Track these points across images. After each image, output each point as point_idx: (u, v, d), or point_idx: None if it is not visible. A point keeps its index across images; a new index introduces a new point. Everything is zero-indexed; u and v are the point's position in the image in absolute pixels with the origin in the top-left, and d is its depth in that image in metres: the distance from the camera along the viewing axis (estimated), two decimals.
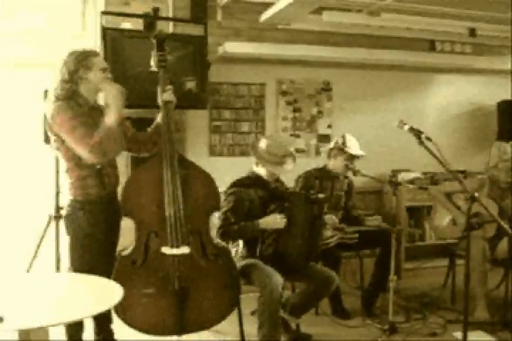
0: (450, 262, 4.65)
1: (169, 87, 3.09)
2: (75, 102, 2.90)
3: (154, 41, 3.14)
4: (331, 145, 4.34)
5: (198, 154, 5.03)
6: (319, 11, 4.80)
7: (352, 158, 4.23)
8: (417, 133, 3.21)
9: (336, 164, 4.29)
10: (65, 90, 2.88)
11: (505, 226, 3.04)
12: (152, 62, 3.14)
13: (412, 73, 5.90)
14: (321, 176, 4.33)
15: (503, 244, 4.07)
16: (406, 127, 3.28)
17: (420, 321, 3.98)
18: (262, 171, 3.57)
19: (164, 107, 3.06)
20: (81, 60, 2.91)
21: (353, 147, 4.24)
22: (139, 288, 2.89)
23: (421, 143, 3.17)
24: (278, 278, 3.20)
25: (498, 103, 6.08)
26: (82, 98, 2.94)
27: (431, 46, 5.79)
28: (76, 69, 2.89)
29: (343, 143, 4.23)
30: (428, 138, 3.15)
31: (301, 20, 4.96)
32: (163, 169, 2.95)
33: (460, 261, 4.38)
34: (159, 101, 3.09)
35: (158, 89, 3.09)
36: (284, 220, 3.37)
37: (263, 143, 3.54)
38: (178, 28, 4.70)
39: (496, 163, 4.19)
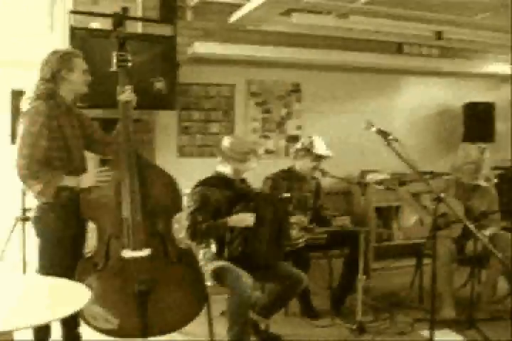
0: (417, 262, 4.70)
1: (128, 87, 3.06)
2: (54, 102, 2.88)
3: (115, 41, 3.11)
4: (298, 146, 4.35)
5: (166, 155, 5.01)
6: (289, 12, 4.83)
7: (319, 158, 4.25)
8: (384, 134, 3.24)
9: (302, 165, 4.30)
10: (46, 89, 2.86)
11: (471, 226, 3.09)
12: (113, 62, 3.12)
13: (381, 75, 5.98)
14: (289, 177, 4.34)
15: (471, 244, 4.13)
16: (373, 128, 3.32)
17: (388, 320, 4.03)
18: (227, 170, 3.58)
19: (122, 108, 3.04)
20: (64, 60, 2.90)
21: (320, 148, 4.26)
22: (101, 290, 2.84)
23: (388, 144, 3.20)
24: (247, 280, 3.20)
25: (464, 105, 6.20)
26: (60, 98, 2.92)
27: (399, 49, 5.87)
28: (59, 69, 2.88)
29: (310, 144, 4.25)
30: (395, 140, 3.19)
31: (271, 21, 4.98)
32: (121, 170, 2.92)
33: (427, 261, 4.46)
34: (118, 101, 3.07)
35: (118, 90, 3.07)
36: (253, 218, 3.38)
37: (227, 142, 3.57)
38: (148, 28, 4.67)
39: (460, 165, 4.25)
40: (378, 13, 5.15)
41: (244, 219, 3.37)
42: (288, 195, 3.64)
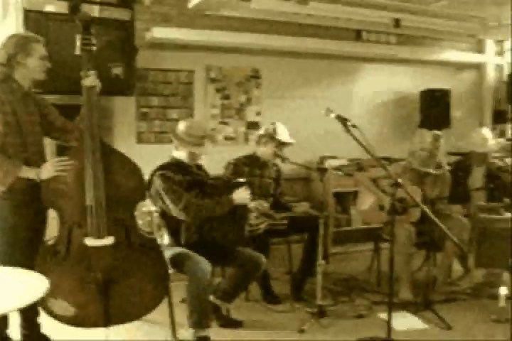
0: (375, 246, 4.80)
1: (92, 71, 2.99)
2: (8, 87, 2.82)
3: (79, 24, 3.03)
4: (261, 132, 4.36)
5: (125, 141, 4.94)
6: None
7: (281, 145, 4.28)
8: (343, 120, 3.27)
9: (265, 151, 4.32)
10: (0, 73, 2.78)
11: (427, 210, 3.15)
12: (77, 46, 3.04)
13: (339, 62, 6.01)
14: (251, 163, 4.35)
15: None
16: (332, 115, 3.33)
17: (347, 304, 4.10)
18: (182, 155, 3.54)
19: (86, 93, 2.96)
20: (22, 45, 2.84)
21: (283, 134, 4.28)
22: (63, 279, 2.81)
23: (347, 130, 3.23)
24: (206, 265, 3.20)
25: (421, 92, 6.30)
26: (16, 83, 2.86)
27: (357, 36, 5.90)
28: (15, 53, 2.82)
29: (274, 131, 4.26)
30: (354, 126, 3.22)
31: (230, 7, 4.93)
32: (84, 157, 2.86)
33: (385, 245, 4.55)
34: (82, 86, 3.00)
35: (82, 75, 3.00)
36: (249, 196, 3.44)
37: (182, 125, 3.54)
38: (105, 13, 4.56)
39: (414, 151, 4.32)
40: (337, 0, 5.17)
41: (246, 197, 3.45)
42: (243, 179, 3.63)
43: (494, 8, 5.70)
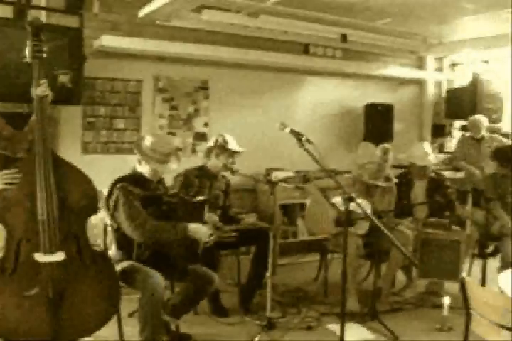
0: (321, 257, 4.86)
1: (43, 80, 2.90)
2: None
3: (29, 29, 2.94)
4: (211, 143, 4.33)
5: (70, 151, 4.81)
6: (200, 9, 4.80)
7: (233, 155, 4.27)
8: (297, 135, 3.30)
9: (216, 163, 4.29)
10: None
11: (379, 224, 3.21)
12: (27, 53, 2.95)
13: (287, 74, 6.09)
14: (201, 175, 4.32)
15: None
16: (287, 129, 3.36)
17: (296, 315, 4.13)
18: (145, 170, 3.47)
19: (37, 102, 2.87)
20: None
21: (233, 143, 4.27)
22: (9, 296, 2.69)
23: (301, 145, 3.26)
24: (159, 279, 3.14)
25: (365, 106, 6.46)
26: None
27: (305, 49, 6.00)
28: None
29: (224, 141, 4.25)
30: (308, 141, 3.26)
31: (180, 17, 4.93)
32: (35, 170, 2.76)
33: (331, 256, 4.62)
34: (33, 95, 2.91)
35: (33, 83, 2.91)
36: (208, 234, 3.36)
37: (148, 141, 3.44)
38: (52, 19, 4.47)
39: (363, 164, 4.42)
40: (287, 14, 5.25)
41: (204, 233, 3.37)
42: (203, 198, 3.61)
43: (435, 27, 5.92)
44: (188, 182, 4.21)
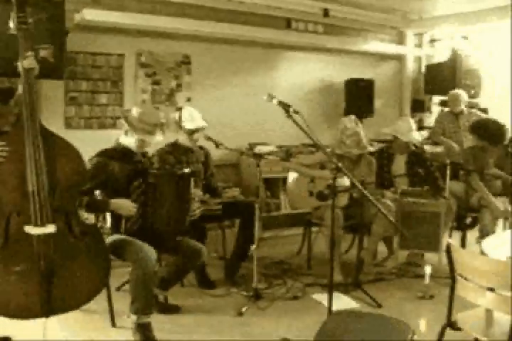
0: (305, 230, 4.94)
1: (30, 53, 2.87)
2: None
3: (14, 1, 2.90)
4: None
5: (52, 127, 4.55)
6: None
7: (192, 132, 4.19)
8: (285, 106, 3.33)
9: (183, 138, 4.23)
10: None
11: (368, 194, 3.27)
12: (11, 24, 2.91)
13: (268, 49, 6.10)
14: (175, 151, 4.24)
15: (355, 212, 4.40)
16: (274, 100, 3.38)
17: (281, 286, 4.21)
18: (130, 142, 3.48)
19: (25, 75, 2.84)
20: None
21: (188, 121, 4.16)
22: (1, 270, 2.71)
23: (289, 116, 3.29)
24: (151, 251, 3.19)
25: (346, 81, 6.49)
26: None
27: (287, 24, 6.00)
28: None
29: (179, 119, 4.17)
30: (296, 112, 3.29)
31: None
32: (24, 143, 2.75)
33: (314, 229, 4.71)
34: (19, 68, 2.89)
35: (20, 55, 2.88)
36: (135, 210, 3.31)
37: (135, 111, 3.46)
38: None
39: (342, 140, 4.46)
40: None
41: (127, 208, 3.30)
42: (189, 170, 3.61)
43: (416, 3, 5.96)
44: (164, 160, 4.14)
